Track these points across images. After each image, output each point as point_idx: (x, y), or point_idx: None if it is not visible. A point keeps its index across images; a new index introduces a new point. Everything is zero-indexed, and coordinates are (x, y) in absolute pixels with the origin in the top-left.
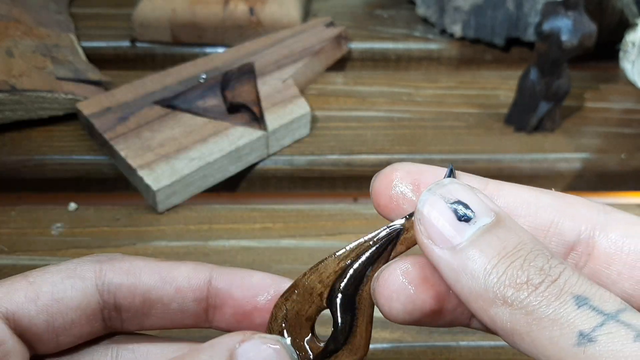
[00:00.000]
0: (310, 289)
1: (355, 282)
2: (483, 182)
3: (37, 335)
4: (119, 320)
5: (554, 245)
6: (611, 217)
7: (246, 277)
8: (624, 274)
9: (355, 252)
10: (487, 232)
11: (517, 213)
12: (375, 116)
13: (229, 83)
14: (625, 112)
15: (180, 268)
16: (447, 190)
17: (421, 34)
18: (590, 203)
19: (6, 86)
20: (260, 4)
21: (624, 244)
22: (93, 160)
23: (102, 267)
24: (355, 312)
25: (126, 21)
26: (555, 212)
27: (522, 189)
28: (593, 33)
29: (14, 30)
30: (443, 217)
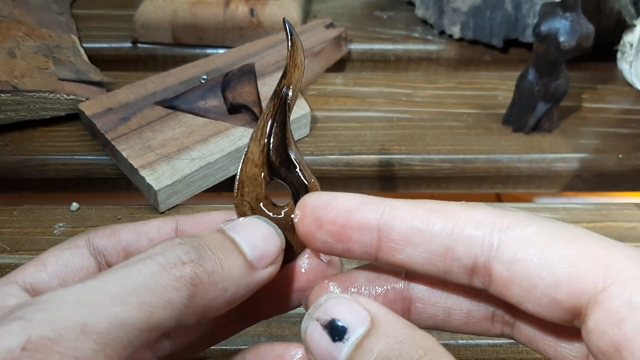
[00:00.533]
0: (253, 175)
1: (281, 145)
2: (380, 208)
3: None
4: None
5: (455, 270)
6: (504, 237)
7: (205, 217)
8: (523, 297)
9: (262, 125)
10: (359, 347)
11: (413, 241)
12: (375, 116)
13: (230, 84)
14: (623, 113)
15: (150, 223)
16: (322, 311)
17: (420, 35)
18: (485, 218)
19: (8, 87)
20: (260, 5)
21: (516, 268)
22: (95, 161)
23: (89, 236)
24: (296, 164)
25: (127, 22)
26: (447, 238)
27: (414, 213)
28: (591, 34)
29: (16, 31)
30: (322, 342)
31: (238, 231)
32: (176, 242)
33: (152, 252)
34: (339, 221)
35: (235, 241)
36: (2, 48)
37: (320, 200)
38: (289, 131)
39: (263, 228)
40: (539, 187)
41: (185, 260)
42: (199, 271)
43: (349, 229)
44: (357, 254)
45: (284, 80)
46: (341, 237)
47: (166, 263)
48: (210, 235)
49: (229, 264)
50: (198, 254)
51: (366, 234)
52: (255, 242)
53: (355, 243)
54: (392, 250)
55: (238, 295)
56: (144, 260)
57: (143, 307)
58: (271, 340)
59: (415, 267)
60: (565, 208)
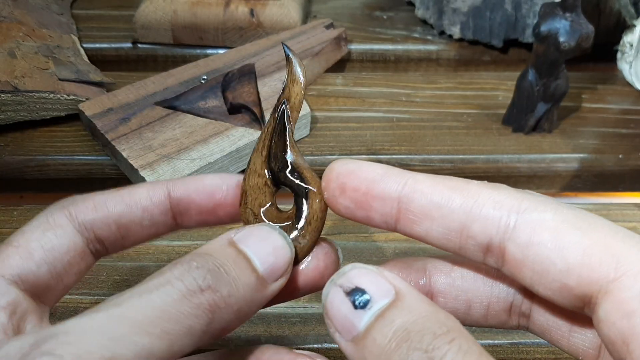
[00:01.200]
0: (256, 185)
1: (281, 152)
2: (402, 181)
3: (46, 286)
4: (104, 249)
5: (470, 247)
6: (521, 219)
7: (199, 182)
8: (535, 280)
9: (264, 138)
10: (380, 318)
11: (431, 216)
12: (375, 117)
13: (230, 84)
14: (623, 113)
15: (138, 190)
16: (347, 279)
17: (420, 36)
18: (504, 199)
19: (9, 87)
20: (260, 6)
21: (529, 251)
22: (95, 161)
23: (70, 211)
24: (294, 168)
25: (128, 23)
26: (465, 216)
27: (435, 188)
28: (590, 34)
29: (17, 31)
30: (342, 308)
31: (249, 244)
32: (193, 266)
33: (170, 277)
34: (361, 189)
35: (248, 256)
36: (3, 48)
37: (345, 167)
38: (291, 139)
39: (274, 239)
40: (539, 187)
41: (204, 286)
42: (217, 297)
43: (371, 198)
44: (377, 222)
45: (282, 95)
46: (363, 205)
47: (186, 290)
48: (223, 251)
49: (243, 283)
50: (215, 278)
51: (387, 204)
52: (267, 255)
53: (376, 212)
54: (411, 223)
55: (249, 313)
56: (164, 285)
57: (166, 337)
58: (271, 341)
59: (431, 240)
60: None
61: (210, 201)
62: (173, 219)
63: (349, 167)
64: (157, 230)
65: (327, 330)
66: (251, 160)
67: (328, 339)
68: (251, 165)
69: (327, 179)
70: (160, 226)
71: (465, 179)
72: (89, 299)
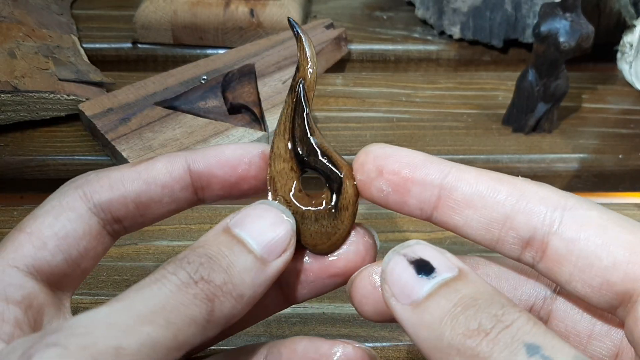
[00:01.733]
0: (283, 170)
1: (304, 135)
2: (446, 169)
3: (63, 275)
4: (123, 229)
5: (509, 240)
6: (568, 215)
7: (220, 155)
8: (575, 276)
9: (284, 120)
10: (445, 286)
11: (474, 204)
12: (375, 117)
13: (230, 84)
14: (623, 113)
15: (156, 165)
16: (411, 250)
17: (420, 36)
18: (551, 195)
19: (9, 87)
20: (260, 6)
21: (575, 246)
22: (95, 161)
23: (84, 191)
24: (323, 152)
25: (128, 23)
26: (510, 207)
27: (480, 178)
28: (591, 34)
29: (17, 31)
30: (404, 274)
31: (244, 226)
32: (185, 261)
33: (165, 273)
34: (402, 173)
35: (242, 239)
36: (3, 48)
37: (384, 150)
38: (311, 120)
39: (270, 215)
40: None
41: (196, 278)
42: (212, 287)
43: (410, 182)
44: (411, 208)
45: (298, 74)
46: (400, 189)
47: (180, 283)
48: (216, 240)
49: (239, 268)
50: (207, 270)
51: (426, 190)
52: (263, 233)
53: (413, 197)
54: (450, 211)
55: (256, 294)
56: (161, 280)
57: (170, 326)
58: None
59: (468, 231)
60: None
61: (232, 175)
62: (194, 193)
63: (387, 150)
64: (179, 206)
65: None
66: (274, 144)
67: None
68: (275, 150)
69: (362, 161)
70: (182, 202)
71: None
72: (89, 299)
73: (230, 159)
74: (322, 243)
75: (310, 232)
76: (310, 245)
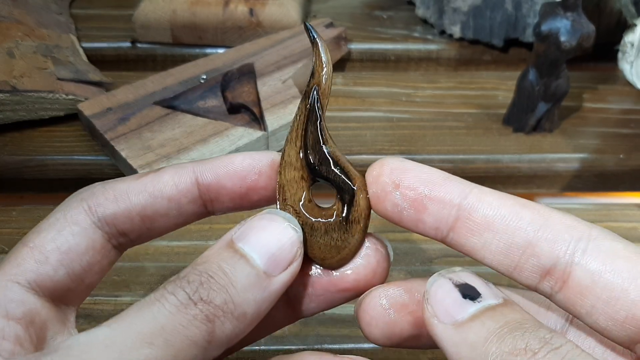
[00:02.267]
0: (293, 179)
1: (317, 143)
2: (466, 189)
3: (66, 290)
4: (129, 242)
5: (529, 267)
6: (593, 245)
7: (228, 165)
8: (597, 308)
9: (296, 127)
10: (490, 310)
11: (495, 228)
12: (375, 116)
13: (229, 84)
14: (624, 113)
15: (163, 178)
16: (457, 275)
17: (420, 35)
18: (575, 224)
19: (7, 87)
20: (260, 5)
21: (600, 278)
22: (94, 161)
23: (89, 205)
24: (336, 162)
25: (127, 22)
26: (533, 233)
27: (503, 201)
28: (591, 34)
29: (15, 31)
30: (449, 296)
31: (248, 239)
32: (184, 281)
33: (165, 292)
34: (419, 189)
35: (246, 254)
36: (1, 48)
37: (402, 164)
38: (325, 129)
39: (275, 226)
40: (539, 187)
41: (196, 299)
42: (211, 307)
43: (428, 199)
44: (425, 227)
45: (312, 80)
46: (417, 205)
47: (179, 303)
48: (219, 255)
49: (241, 286)
50: (206, 290)
51: (445, 209)
52: (267, 246)
53: (430, 215)
54: (468, 232)
55: (260, 311)
56: (160, 300)
57: (169, 347)
58: (270, 342)
59: (485, 254)
60: (566, 208)
61: (242, 186)
62: (203, 206)
63: (406, 165)
64: (186, 219)
65: (327, 332)
66: (285, 152)
67: (328, 339)
68: (286, 157)
69: (378, 173)
70: (189, 215)
71: (531, 201)
72: (88, 299)
73: (239, 170)
74: (331, 257)
75: (319, 244)
76: (319, 258)
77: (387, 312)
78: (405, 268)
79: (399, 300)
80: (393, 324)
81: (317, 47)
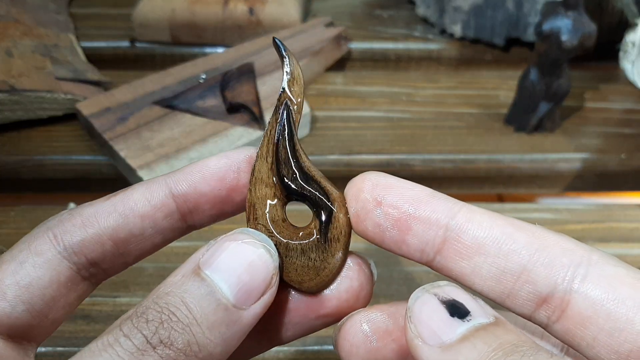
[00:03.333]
0: (265, 196)
1: (291, 158)
2: (454, 208)
3: (26, 326)
4: (101, 272)
5: (524, 294)
6: (593, 271)
7: (203, 169)
8: (599, 340)
9: (267, 142)
10: (482, 330)
11: (486, 251)
12: (375, 116)
13: (229, 83)
14: (625, 112)
15: (133, 195)
16: (442, 290)
17: (421, 34)
18: (574, 247)
19: (5, 86)
20: (259, 4)
21: (602, 307)
22: (92, 161)
23: (55, 233)
24: (311, 177)
25: (126, 21)
26: (528, 257)
27: (495, 222)
28: (593, 33)
29: (14, 30)
30: (435, 314)
31: (216, 266)
32: (142, 319)
33: (120, 336)
34: (403, 207)
35: (213, 284)
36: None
37: (384, 180)
38: (298, 144)
39: (246, 249)
40: (541, 187)
41: (154, 343)
42: (172, 351)
43: (412, 219)
44: (410, 249)
45: (283, 94)
46: (400, 225)
47: (135, 349)
48: (182, 286)
49: (207, 322)
50: (166, 330)
51: (431, 230)
52: (238, 274)
53: (414, 236)
54: (457, 255)
55: (229, 348)
56: (113, 346)
57: None
58: None
59: (475, 280)
60: (568, 208)
61: (222, 188)
62: (182, 220)
63: (388, 180)
64: (165, 237)
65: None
66: (255, 168)
67: (328, 340)
68: (256, 174)
69: (359, 188)
70: (167, 232)
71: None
72: (87, 300)
73: (216, 171)
74: (309, 279)
75: (295, 266)
76: (296, 282)
77: (369, 339)
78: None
79: (381, 326)
80: (375, 351)
81: (286, 62)
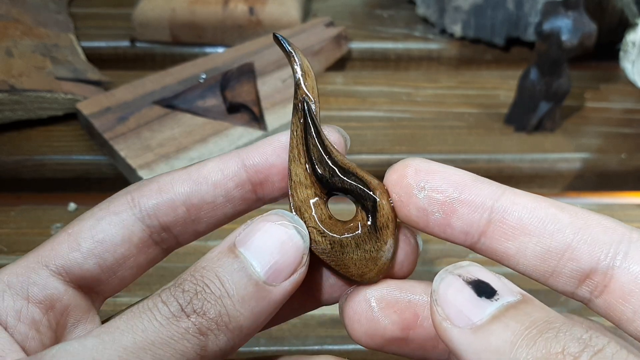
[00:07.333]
0: (307, 198)
1: (324, 154)
2: (498, 191)
3: (95, 279)
4: (173, 238)
5: (567, 272)
6: (635, 247)
7: (274, 142)
8: None
9: (296, 143)
10: (512, 308)
11: (530, 231)
12: (375, 116)
13: (229, 83)
14: (626, 112)
15: (207, 165)
16: (466, 271)
17: (421, 34)
18: (616, 226)
19: (5, 86)
20: (260, 4)
21: None
22: (93, 160)
23: (132, 196)
24: (348, 170)
25: (126, 21)
26: (572, 235)
27: (539, 203)
28: (593, 33)
29: (14, 30)
30: (461, 295)
31: (249, 244)
32: (179, 289)
33: (158, 301)
34: (448, 191)
35: (245, 261)
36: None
37: (427, 165)
38: (326, 139)
39: (279, 230)
40: (541, 187)
41: (188, 311)
42: (205, 320)
43: (457, 202)
44: (454, 232)
45: (299, 91)
46: (445, 208)
47: (171, 315)
48: (218, 261)
49: (238, 296)
50: (200, 301)
51: (476, 212)
52: (269, 253)
53: (459, 219)
54: (502, 236)
55: (258, 323)
56: (151, 309)
57: None
58: (270, 343)
59: (520, 260)
60: None
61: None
62: (252, 191)
63: (431, 166)
64: (235, 208)
65: (327, 333)
66: (292, 172)
67: (329, 340)
68: (294, 178)
69: (401, 174)
70: (238, 202)
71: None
72: None
73: (286, 144)
74: (369, 270)
75: (353, 260)
76: (357, 275)
77: (372, 309)
78: None
79: (386, 297)
80: (376, 321)
81: (293, 57)
